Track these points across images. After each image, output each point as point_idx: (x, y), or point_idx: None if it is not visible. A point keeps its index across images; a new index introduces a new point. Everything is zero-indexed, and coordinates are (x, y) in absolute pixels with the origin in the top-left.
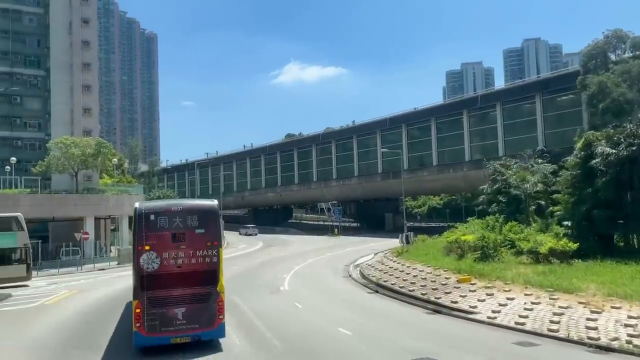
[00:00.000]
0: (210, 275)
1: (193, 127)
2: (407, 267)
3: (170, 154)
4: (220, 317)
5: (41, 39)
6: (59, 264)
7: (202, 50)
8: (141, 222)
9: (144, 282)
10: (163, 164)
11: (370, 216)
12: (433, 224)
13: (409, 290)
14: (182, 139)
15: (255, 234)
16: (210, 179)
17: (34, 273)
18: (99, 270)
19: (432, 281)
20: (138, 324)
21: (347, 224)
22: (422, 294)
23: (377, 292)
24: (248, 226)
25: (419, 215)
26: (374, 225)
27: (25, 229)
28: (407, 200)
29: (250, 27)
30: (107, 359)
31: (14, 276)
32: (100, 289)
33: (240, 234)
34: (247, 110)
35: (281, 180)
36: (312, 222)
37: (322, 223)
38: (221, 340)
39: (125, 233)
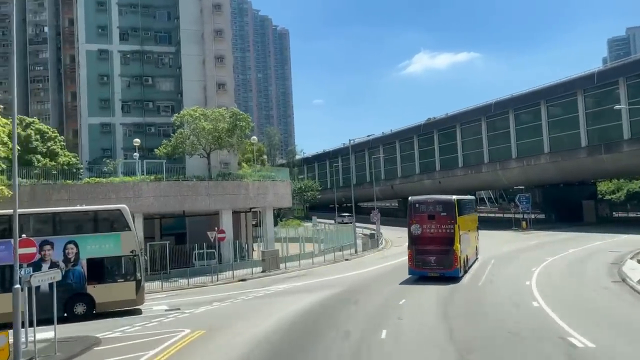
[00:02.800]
0: (449, 240)
1: (325, 124)
2: None
3: (305, 149)
4: (455, 264)
5: (171, 11)
6: (188, 273)
7: (330, 45)
8: (411, 207)
9: (413, 240)
10: (299, 156)
11: (561, 205)
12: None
13: None
14: (315, 136)
15: (351, 222)
16: (354, 167)
17: (156, 285)
18: (240, 281)
19: None
20: (410, 262)
21: (532, 216)
22: None
23: None
24: (344, 215)
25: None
26: (567, 216)
27: (133, 227)
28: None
29: (377, 19)
30: None
31: (118, 299)
32: (240, 324)
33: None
34: (379, 103)
35: (440, 164)
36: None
37: (487, 215)
38: None
39: (270, 230)
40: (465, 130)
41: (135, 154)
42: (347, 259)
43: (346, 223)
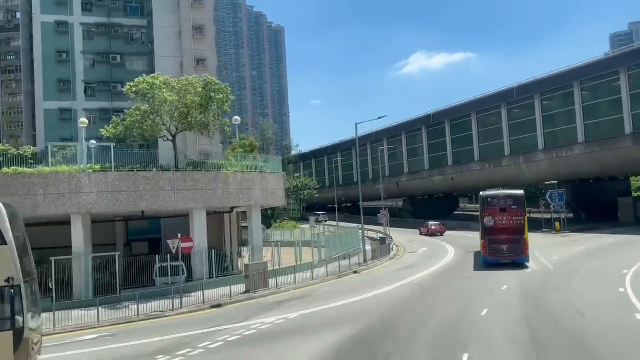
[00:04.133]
0: (519, 229)
1: (322, 125)
2: None
3: (302, 148)
4: (526, 251)
5: None
6: (137, 297)
7: (327, 46)
8: (484, 202)
9: (486, 231)
10: (295, 152)
11: (592, 203)
12: None
13: None
14: (313, 136)
15: (326, 221)
16: (356, 163)
17: (91, 316)
18: (213, 307)
19: None
20: (483, 251)
21: (563, 215)
22: None
23: None
24: (318, 213)
25: None
26: (599, 216)
27: (11, 239)
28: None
29: (374, 19)
30: None
31: None
32: None
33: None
34: (376, 103)
35: (452, 158)
36: None
37: None
38: None
39: (258, 235)
40: (482, 120)
41: (92, 141)
42: (355, 272)
43: (321, 222)
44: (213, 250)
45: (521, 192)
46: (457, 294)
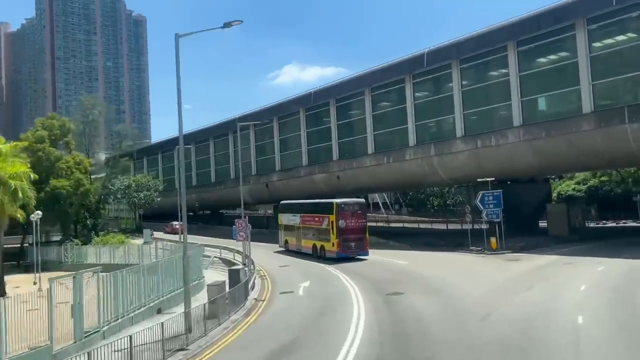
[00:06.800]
0: (363, 230)
1: (191, 129)
2: None
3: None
4: (367, 247)
5: None
6: None
7: (200, 49)
8: (338, 208)
9: (340, 232)
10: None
11: (512, 210)
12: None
13: None
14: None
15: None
16: (213, 159)
17: None
18: None
19: None
20: (338, 248)
21: (484, 225)
22: None
23: None
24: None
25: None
26: (520, 226)
27: None
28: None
29: (250, 27)
30: None
31: None
32: None
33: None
34: (247, 112)
35: (338, 150)
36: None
37: (391, 225)
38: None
39: None
40: (379, 98)
41: None
42: None
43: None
44: None
45: (363, 200)
46: None
